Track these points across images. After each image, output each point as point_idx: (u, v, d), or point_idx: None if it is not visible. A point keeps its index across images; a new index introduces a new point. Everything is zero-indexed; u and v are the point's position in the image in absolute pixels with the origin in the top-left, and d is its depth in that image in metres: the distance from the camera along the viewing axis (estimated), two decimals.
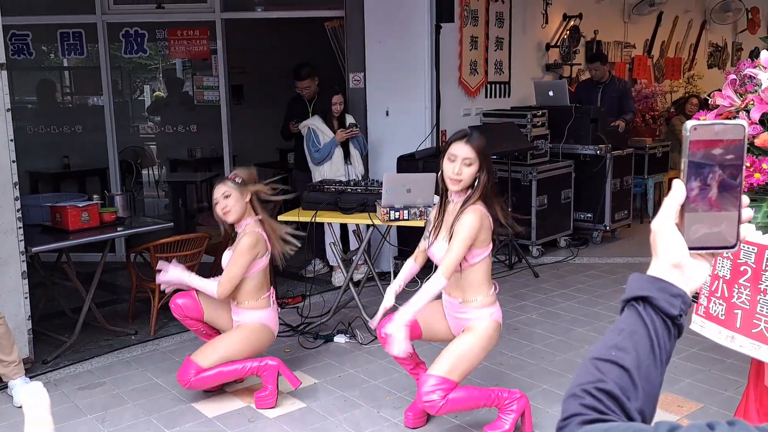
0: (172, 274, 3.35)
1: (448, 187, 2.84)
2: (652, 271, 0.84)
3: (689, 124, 0.82)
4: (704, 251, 0.84)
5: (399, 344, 2.72)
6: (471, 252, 2.80)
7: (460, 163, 2.77)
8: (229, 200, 3.25)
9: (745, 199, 0.83)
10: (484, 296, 2.87)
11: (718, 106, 1.93)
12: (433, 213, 3.03)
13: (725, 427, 0.63)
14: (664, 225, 0.83)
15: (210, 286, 3.27)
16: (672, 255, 0.82)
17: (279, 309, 3.58)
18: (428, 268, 3.14)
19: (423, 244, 3.03)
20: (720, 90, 1.96)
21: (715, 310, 1.92)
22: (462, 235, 2.75)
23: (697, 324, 2.04)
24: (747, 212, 0.83)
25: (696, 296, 2.04)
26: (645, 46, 8.45)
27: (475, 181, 2.81)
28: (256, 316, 3.31)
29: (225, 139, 5.97)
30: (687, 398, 3.27)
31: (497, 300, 2.92)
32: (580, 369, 0.82)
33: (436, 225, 2.91)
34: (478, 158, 2.78)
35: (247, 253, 3.23)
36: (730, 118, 1.99)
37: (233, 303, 3.36)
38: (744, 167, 0.84)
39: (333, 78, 5.77)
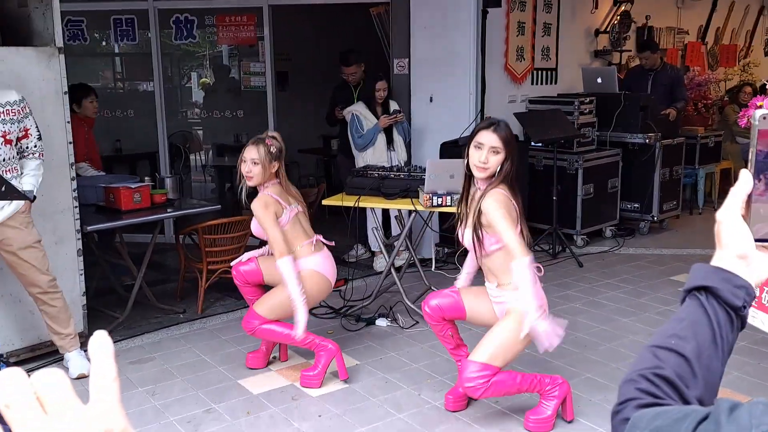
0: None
1: (474, 175, 2.86)
2: (716, 262, 0.83)
3: (758, 113, 0.81)
4: None
5: (548, 337, 2.74)
6: (489, 239, 2.83)
7: (487, 151, 2.79)
8: (256, 168, 3.30)
9: None
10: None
11: None
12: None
13: None
14: (729, 215, 0.82)
15: (290, 277, 3.24)
16: (738, 246, 0.82)
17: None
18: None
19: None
20: None
21: None
22: (496, 216, 2.75)
23: (750, 314, 2.00)
24: None
25: None
26: (699, 33, 8.20)
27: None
28: (305, 264, 3.36)
29: (270, 125, 6.05)
30: (735, 391, 3.21)
31: (538, 281, 2.89)
32: (638, 356, 0.82)
33: (462, 213, 2.94)
34: (505, 148, 2.80)
35: (265, 215, 3.27)
36: None
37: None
38: None
39: (378, 64, 5.78)
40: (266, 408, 3.18)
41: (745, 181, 0.82)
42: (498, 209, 2.75)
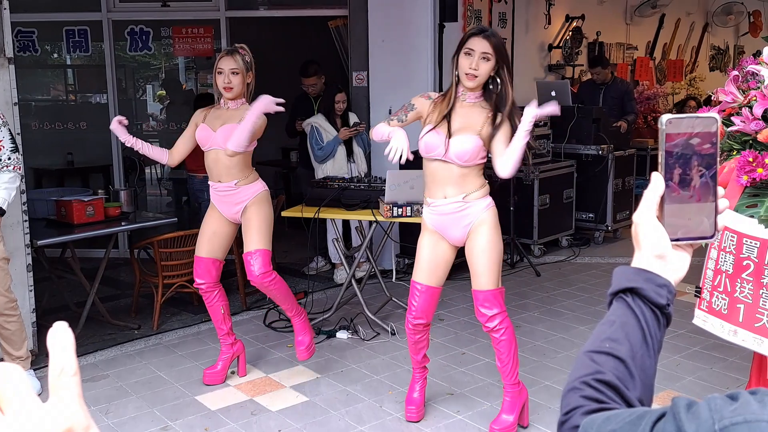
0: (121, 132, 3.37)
1: (462, 84, 2.78)
2: (636, 263, 0.85)
3: (664, 117, 0.84)
4: (684, 242, 0.86)
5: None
6: (485, 150, 2.81)
7: (478, 57, 2.70)
8: (236, 77, 3.23)
9: (721, 190, 0.85)
10: (484, 187, 2.89)
11: (721, 102, 1.95)
12: (424, 101, 2.90)
13: (747, 396, 0.64)
14: (645, 217, 0.84)
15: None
16: (655, 246, 0.84)
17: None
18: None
19: (386, 122, 2.94)
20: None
21: (718, 305, 1.94)
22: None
23: (700, 318, 2.05)
24: (723, 202, 0.85)
25: (699, 291, 2.06)
26: (647, 48, 8.48)
27: (488, 81, 2.77)
28: (259, 186, 3.37)
29: None
30: (689, 396, 3.29)
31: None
32: (575, 363, 0.82)
33: (437, 119, 2.81)
34: (495, 54, 2.72)
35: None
36: (732, 114, 2.01)
37: (232, 184, 3.30)
38: (718, 159, 0.86)
39: (337, 77, 5.79)
40: (225, 424, 3.13)
41: (656, 183, 0.84)
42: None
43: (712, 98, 2.00)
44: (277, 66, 7.63)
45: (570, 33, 7.16)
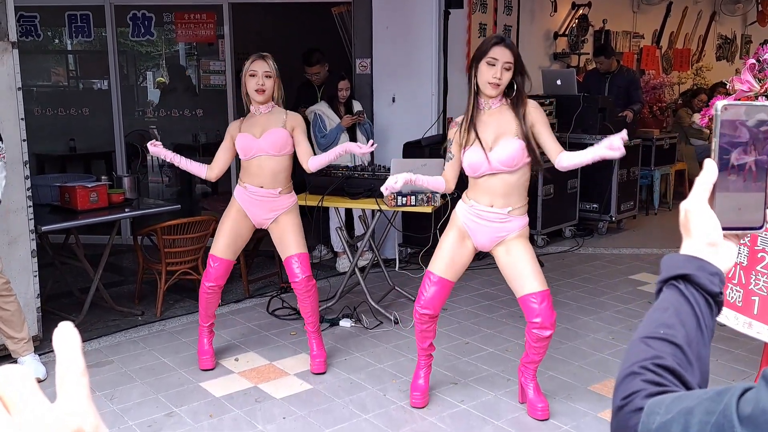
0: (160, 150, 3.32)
1: (483, 93, 2.79)
2: (686, 250, 0.83)
3: (720, 104, 0.82)
4: (732, 232, 0.85)
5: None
6: (524, 151, 2.79)
7: (501, 67, 2.74)
8: (268, 81, 3.25)
9: None
10: (525, 205, 2.93)
11: (737, 91, 1.93)
12: (453, 131, 2.92)
13: None
14: (697, 204, 0.83)
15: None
16: (707, 234, 0.82)
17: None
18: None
19: (449, 170, 2.95)
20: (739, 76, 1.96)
21: (733, 297, 1.93)
22: (546, 121, 2.81)
23: None
24: None
25: None
26: (654, 37, 8.41)
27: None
28: (295, 197, 3.45)
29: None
30: None
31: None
32: (629, 350, 0.79)
33: (468, 137, 2.83)
34: (515, 63, 2.77)
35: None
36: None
37: (276, 191, 3.34)
38: None
39: (340, 64, 5.75)
40: (229, 411, 3.12)
41: (709, 170, 0.82)
42: (545, 115, 2.82)
43: (728, 87, 1.98)
44: (280, 52, 7.57)
45: (576, 21, 7.11)
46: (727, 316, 1.93)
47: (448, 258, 2.95)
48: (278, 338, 3.96)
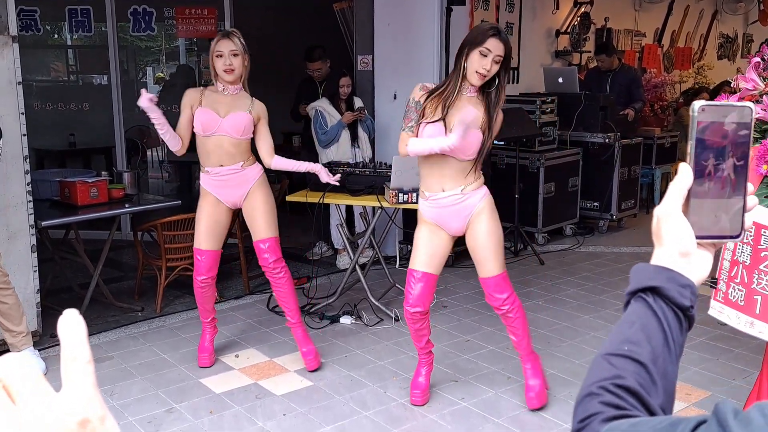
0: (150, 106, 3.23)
1: (468, 79, 2.79)
2: (656, 260, 0.78)
3: (697, 104, 0.78)
4: (708, 240, 0.79)
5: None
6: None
7: (492, 59, 2.74)
8: (236, 59, 3.19)
9: (750, 187, 0.79)
10: (479, 179, 2.93)
11: (741, 89, 1.92)
12: (422, 94, 2.88)
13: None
14: (670, 211, 0.77)
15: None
16: (680, 243, 0.77)
17: None
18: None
19: (408, 134, 2.91)
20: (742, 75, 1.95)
21: (735, 296, 1.92)
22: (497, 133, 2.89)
23: (716, 309, 2.03)
24: (752, 200, 0.79)
25: (715, 282, 2.03)
26: (655, 35, 8.40)
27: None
28: (260, 167, 3.40)
29: None
30: (695, 387, 3.28)
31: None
32: (591, 367, 0.75)
33: (435, 112, 2.83)
34: (504, 57, 2.78)
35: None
36: (753, 102, 1.97)
37: (238, 165, 3.30)
38: (750, 153, 0.80)
39: (341, 60, 5.73)
40: (229, 407, 3.12)
41: (684, 174, 0.77)
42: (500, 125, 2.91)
43: (732, 85, 1.97)
44: (281, 48, 7.57)
45: (578, 19, 7.09)
46: (729, 315, 1.93)
47: (426, 253, 2.97)
48: (278, 335, 3.96)
